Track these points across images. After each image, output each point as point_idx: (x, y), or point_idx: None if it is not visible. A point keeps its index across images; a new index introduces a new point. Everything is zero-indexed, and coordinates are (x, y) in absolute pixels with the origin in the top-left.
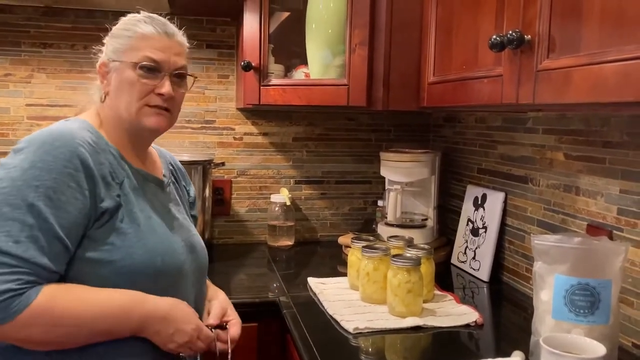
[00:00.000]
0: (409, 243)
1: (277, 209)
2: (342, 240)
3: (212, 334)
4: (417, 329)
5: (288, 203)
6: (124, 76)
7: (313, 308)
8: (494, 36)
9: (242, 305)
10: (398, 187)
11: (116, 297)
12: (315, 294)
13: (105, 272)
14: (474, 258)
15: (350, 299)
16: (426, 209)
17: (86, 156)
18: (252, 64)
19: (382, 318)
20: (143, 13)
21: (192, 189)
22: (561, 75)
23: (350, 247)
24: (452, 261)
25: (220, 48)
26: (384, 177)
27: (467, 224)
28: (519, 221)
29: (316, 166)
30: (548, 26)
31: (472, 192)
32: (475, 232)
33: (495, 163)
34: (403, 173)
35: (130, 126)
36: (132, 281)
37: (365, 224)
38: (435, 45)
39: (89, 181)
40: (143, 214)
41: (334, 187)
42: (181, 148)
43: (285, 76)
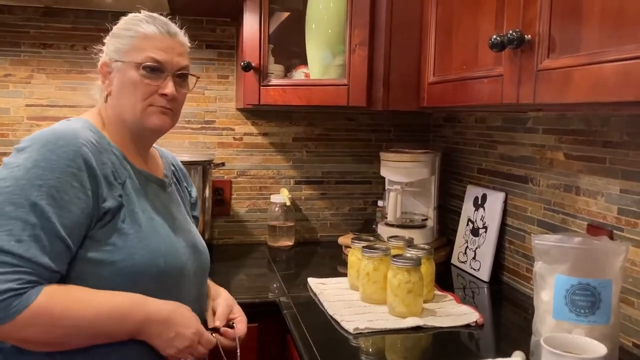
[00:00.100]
0: (409, 243)
1: (277, 209)
2: (342, 240)
3: (213, 339)
4: (417, 329)
5: (288, 203)
6: (126, 76)
7: (313, 308)
8: (494, 36)
9: (242, 306)
10: (398, 187)
11: (116, 299)
12: (315, 294)
13: (107, 272)
14: (474, 258)
15: (350, 299)
16: (426, 209)
17: (89, 156)
18: (252, 64)
19: (382, 318)
20: (144, 12)
21: (193, 190)
22: (561, 75)
23: (351, 248)
24: (452, 261)
25: (220, 48)
26: (384, 177)
27: (467, 224)
28: (519, 221)
29: (316, 166)
30: (548, 26)
31: (472, 192)
32: (475, 232)
33: (495, 163)
34: (403, 173)
35: (134, 127)
36: (134, 282)
37: (365, 224)
38: (436, 45)
39: (92, 181)
40: (145, 215)
41: (334, 187)
42: (181, 148)
43: (285, 76)
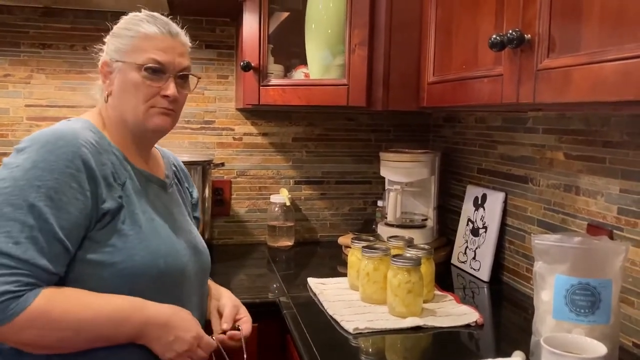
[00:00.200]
0: (409, 243)
1: (276, 209)
2: (342, 240)
3: (214, 342)
4: (417, 329)
5: (288, 203)
6: (128, 77)
7: (313, 308)
8: (494, 35)
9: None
10: (398, 187)
11: (116, 303)
12: (315, 294)
13: (107, 274)
14: (474, 258)
15: (350, 299)
16: (426, 209)
17: (88, 157)
18: (252, 64)
19: (382, 318)
20: (145, 12)
21: (194, 191)
22: (561, 75)
23: (350, 248)
24: (452, 261)
25: (220, 48)
26: (383, 178)
27: (467, 224)
28: (519, 221)
29: (316, 166)
30: (548, 25)
31: (472, 192)
32: (475, 232)
33: (495, 163)
34: (403, 173)
35: (135, 128)
36: (134, 283)
37: (365, 224)
38: (435, 45)
39: (91, 182)
40: (145, 216)
41: (333, 187)
42: (181, 148)
43: (285, 76)
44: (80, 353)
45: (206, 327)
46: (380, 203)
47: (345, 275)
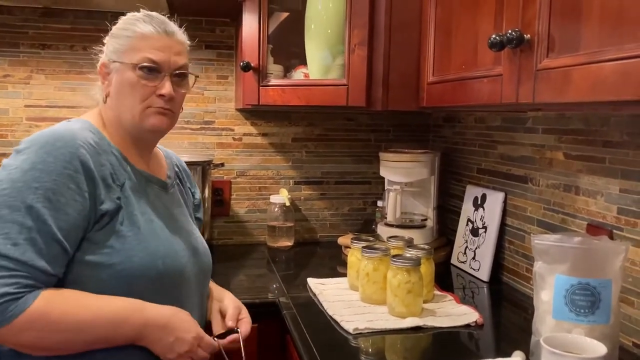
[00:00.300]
0: (409, 243)
1: (276, 209)
2: (341, 240)
3: (215, 342)
4: (417, 329)
5: (287, 204)
6: (124, 77)
7: (313, 309)
8: (494, 35)
9: None
10: (397, 187)
11: (115, 304)
12: (315, 294)
13: (105, 275)
14: (473, 258)
15: (350, 300)
16: (426, 209)
17: (87, 157)
18: (251, 65)
19: (382, 318)
20: (143, 12)
21: (197, 192)
22: (561, 75)
23: (350, 248)
24: (452, 261)
25: (220, 48)
26: (383, 178)
27: (467, 224)
28: (518, 221)
29: (315, 167)
30: (547, 25)
31: (472, 192)
32: (475, 232)
33: (495, 163)
34: (402, 173)
35: (132, 128)
36: (132, 285)
37: (365, 225)
38: (435, 45)
39: (89, 183)
40: (144, 217)
41: (333, 187)
42: (180, 149)
43: (285, 76)
44: (80, 355)
45: (206, 328)
46: (380, 203)
47: (345, 275)
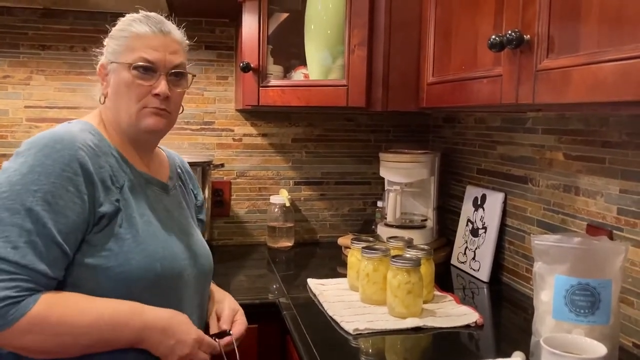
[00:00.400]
0: (409, 244)
1: (276, 210)
2: (341, 241)
3: (215, 343)
4: (417, 329)
5: (287, 204)
6: (120, 78)
7: (313, 309)
8: (493, 36)
9: (242, 307)
10: (397, 187)
11: (114, 307)
12: (315, 295)
13: (103, 278)
14: (473, 258)
15: (350, 300)
16: (426, 210)
17: (86, 160)
18: (251, 65)
19: (382, 319)
20: (141, 12)
21: (199, 193)
22: (560, 75)
23: (350, 248)
24: (452, 262)
25: (219, 49)
26: (383, 178)
27: (467, 225)
28: (518, 221)
29: (315, 167)
30: (547, 26)
31: (472, 192)
32: (475, 232)
33: (495, 163)
34: (402, 174)
35: (129, 129)
36: (131, 287)
37: (365, 225)
38: (435, 46)
39: (88, 185)
40: (143, 219)
41: (333, 188)
42: (180, 149)
43: (285, 77)
44: (79, 358)
45: (205, 329)
46: (379, 204)
47: (345, 276)
